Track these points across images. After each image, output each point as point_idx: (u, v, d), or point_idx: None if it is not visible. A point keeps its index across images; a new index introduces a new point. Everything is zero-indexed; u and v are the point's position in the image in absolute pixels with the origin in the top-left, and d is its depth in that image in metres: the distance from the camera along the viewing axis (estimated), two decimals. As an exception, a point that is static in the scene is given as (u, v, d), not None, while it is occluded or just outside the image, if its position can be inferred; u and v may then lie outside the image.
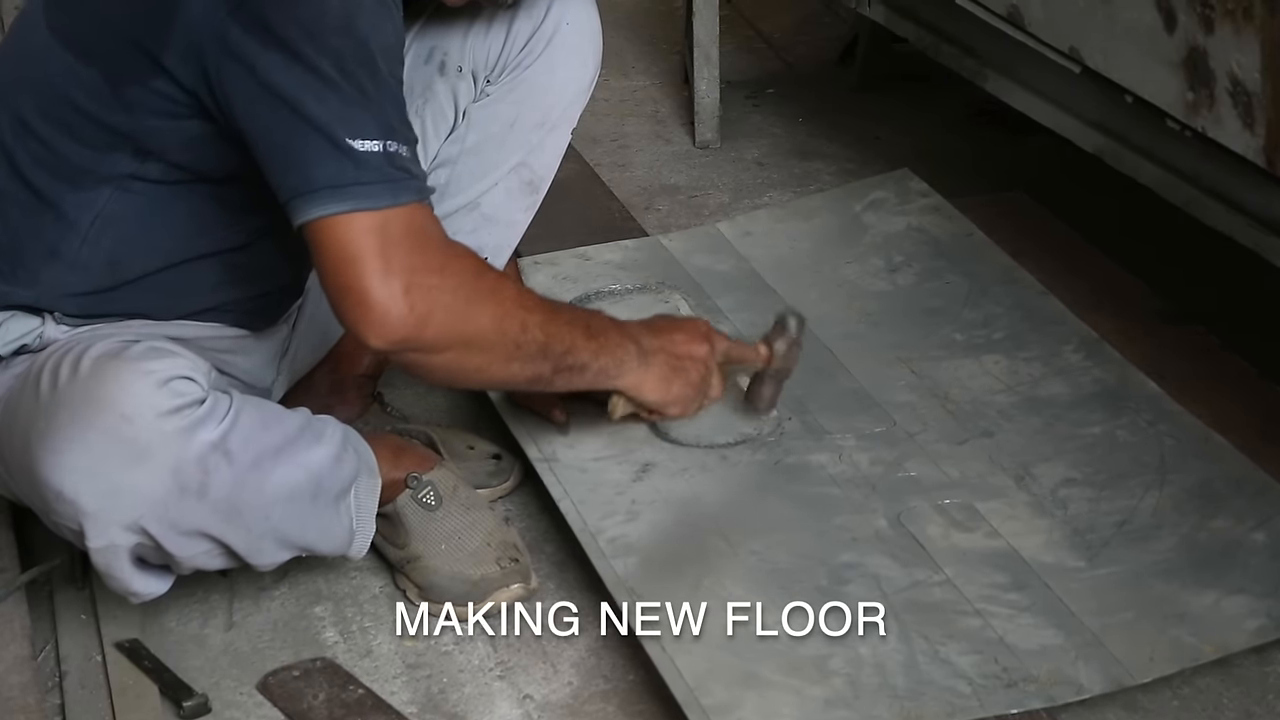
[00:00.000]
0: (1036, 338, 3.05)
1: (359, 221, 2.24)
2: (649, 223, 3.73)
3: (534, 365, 2.44)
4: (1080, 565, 2.52)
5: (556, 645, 2.56)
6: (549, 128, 2.87)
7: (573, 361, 2.49)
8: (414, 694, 2.47)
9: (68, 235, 2.43)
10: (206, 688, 2.47)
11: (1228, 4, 2.41)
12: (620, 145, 4.15)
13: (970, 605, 2.45)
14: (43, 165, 2.42)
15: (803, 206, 3.60)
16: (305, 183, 2.25)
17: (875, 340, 3.10)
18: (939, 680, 2.33)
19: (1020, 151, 3.86)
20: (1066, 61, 2.87)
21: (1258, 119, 2.42)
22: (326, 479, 2.45)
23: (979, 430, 2.82)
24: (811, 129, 4.18)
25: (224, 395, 2.36)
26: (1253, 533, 2.56)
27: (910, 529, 2.60)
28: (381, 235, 2.24)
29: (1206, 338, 3.12)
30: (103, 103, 2.37)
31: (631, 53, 4.66)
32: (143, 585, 2.42)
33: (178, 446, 2.28)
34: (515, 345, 2.39)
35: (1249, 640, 2.39)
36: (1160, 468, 2.70)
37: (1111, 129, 2.89)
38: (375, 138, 2.25)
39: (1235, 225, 2.65)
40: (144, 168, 2.40)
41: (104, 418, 2.26)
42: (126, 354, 2.31)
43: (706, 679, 2.33)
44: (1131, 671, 2.34)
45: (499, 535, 2.63)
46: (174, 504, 2.30)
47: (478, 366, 2.39)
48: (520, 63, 2.81)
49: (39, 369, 2.35)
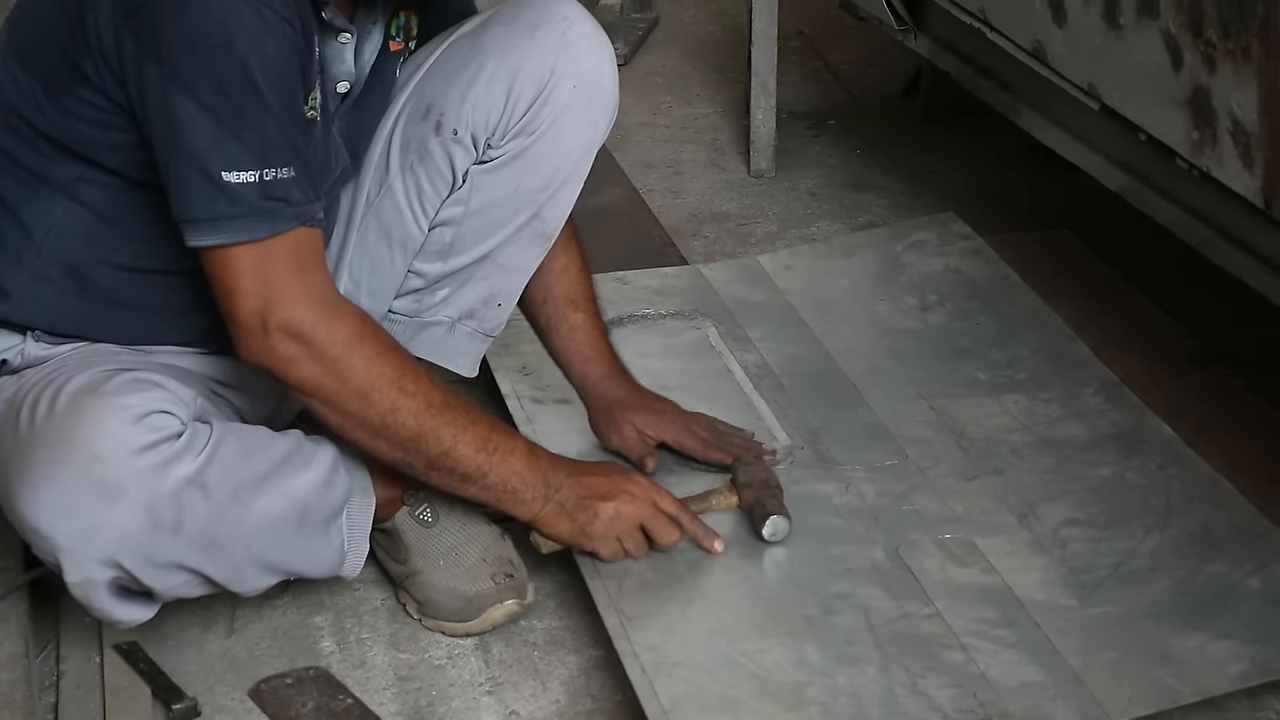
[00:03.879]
0: (1058, 380, 3.05)
1: (235, 256, 2.30)
2: (695, 249, 3.75)
3: (402, 452, 2.44)
4: (1072, 604, 2.52)
5: (548, 663, 2.58)
6: (557, 186, 2.73)
7: (451, 467, 2.47)
8: (402, 705, 2.50)
9: (27, 244, 2.45)
10: (199, 692, 2.51)
11: (1228, 44, 2.41)
12: (675, 172, 4.18)
13: (956, 639, 2.45)
14: (6, 173, 2.45)
15: (845, 244, 3.62)
16: (186, 210, 2.30)
17: (899, 376, 3.11)
18: (914, 713, 2.33)
19: (1073, 189, 3.84)
20: (1086, 98, 2.87)
21: (1255, 159, 2.41)
22: (314, 504, 2.46)
23: (989, 468, 2.83)
24: (868, 161, 4.19)
25: (204, 426, 2.37)
26: (1248, 578, 2.55)
27: (907, 561, 2.61)
28: (256, 270, 2.30)
29: (1232, 380, 3.10)
30: (42, 111, 2.40)
31: (698, 81, 4.69)
32: (126, 614, 2.43)
33: (151, 484, 2.30)
34: (381, 423, 2.41)
35: (1230, 684, 2.38)
36: (1165, 511, 2.69)
37: (1133, 167, 2.89)
38: (250, 168, 2.28)
39: (1245, 267, 2.64)
40: (90, 172, 2.42)
41: (77, 457, 2.28)
42: (104, 388, 2.33)
43: (682, 702, 2.34)
44: (1109, 711, 2.33)
45: (495, 551, 2.65)
46: (148, 540, 2.32)
47: (339, 425, 2.41)
48: (524, 129, 2.66)
49: (20, 401, 2.38)
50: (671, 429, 2.84)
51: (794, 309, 3.31)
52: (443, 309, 2.78)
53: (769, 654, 2.44)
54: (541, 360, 2.97)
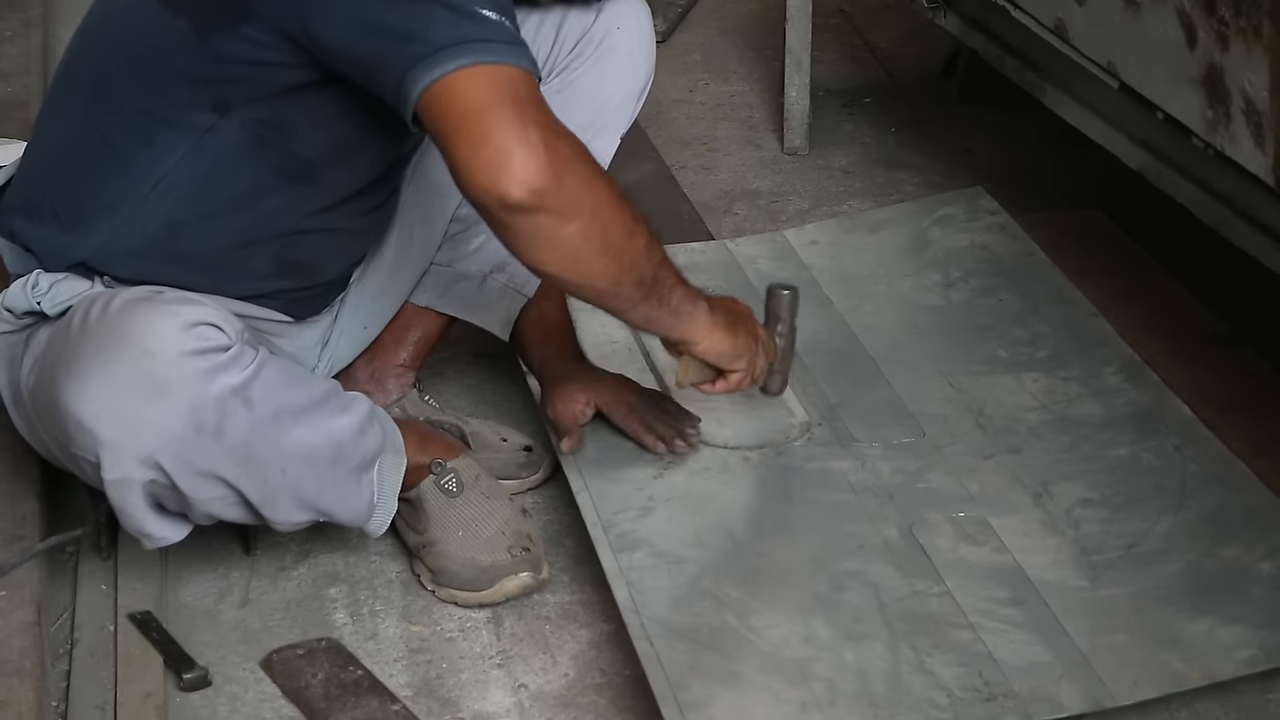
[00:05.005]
0: (1079, 358, 3.04)
1: (486, 74, 2.21)
2: (725, 226, 3.75)
3: (635, 271, 2.38)
4: (1083, 585, 2.52)
5: (559, 636, 2.59)
6: (596, 129, 2.83)
7: (661, 288, 2.44)
8: (411, 678, 2.52)
9: (132, 190, 2.47)
10: (211, 661, 2.53)
11: (1240, 22, 2.39)
12: (709, 149, 4.17)
13: (965, 618, 2.45)
14: (119, 119, 2.46)
15: (871, 218, 3.61)
16: (425, 46, 2.21)
17: (920, 353, 3.10)
18: (918, 691, 2.34)
19: (1107, 169, 3.80)
20: (1106, 76, 2.86)
21: (1267, 138, 2.40)
22: (348, 448, 2.49)
23: (1006, 447, 2.82)
24: (903, 139, 4.17)
25: (250, 349, 2.40)
26: (1260, 562, 2.54)
27: (920, 540, 2.61)
28: (511, 88, 2.21)
29: (1257, 361, 3.08)
30: (189, 51, 2.39)
31: (736, 58, 4.68)
32: (157, 528, 2.46)
33: (197, 386, 2.32)
34: (628, 234, 2.34)
35: (1237, 669, 2.37)
36: (1179, 492, 2.68)
37: (1153, 146, 2.88)
38: (492, 10, 2.25)
39: (1262, 247, 2.62)
40: (222, 122, 2.42)
41: (127, 351, 2.31)
42: (158, 298, 2.37)
43: (687, 675, 2.35)
44: (1114, 693, 2.32)
45: (514, 525, 2.67)
46: (190, 442, 2.34)
47: (599, 248, 2.31)
48: (569, 65, 2.82)
49: (72, 313, 2.41)
50: (607, 394, 2.84)
51: (817, 284, 3.31)
52: (474, 260, 2.85)
53: (776, 629, 2.44)
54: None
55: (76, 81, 2.52)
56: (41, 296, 2.47)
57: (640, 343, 3.06)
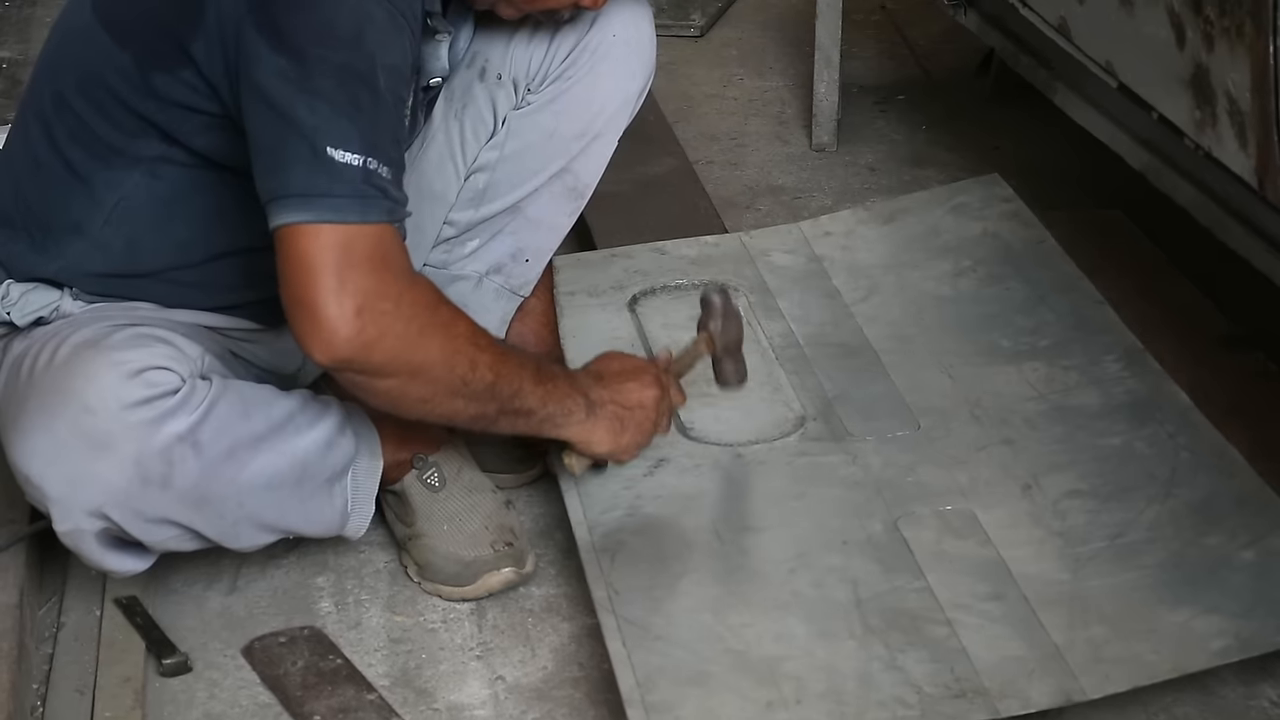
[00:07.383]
0: (1080, 346, 3.00)
1: (322, 234, 2.25)
2: (746, 221, 3.74)
3: (479, 404, 2.42)
4: (1064, 578, 2.49)
5: (541, 629, 2.60)
6: (591, 137, 2.84)
7: (519, 405, 2.47)
8: (390, 667, 2.53)
9: (93, 212, 2.50)
10: (194, 648, 2.55)
11: (1224, 21, 2.37)
12: (738, 144, 4.16)
13: (942, 613, 2.43)
14: (78, 141, 2.50)
15: (886, 208, 3.57)
16: (280, 186, 2.27)
17: (922, 344, 3.07)
18: (887, 688, 2.32)
19: (1133, 170, 3.79)
20: (1105, 75, 2.84)
21: (1249, 139, 2.37)
22: (314, 464, 2.49)
23: (999, 438, 2.79)
24: (932, 137, 4.15)
25: (203, 383, 2.40)
26: (1242, 550, 2.50)
27: (904, 534, 2.59)
28: (342, 251, 2.25)
29: (1265, 364, 3.05)
30: (133, 87, 2.43)
31: (772, 53, 4.66)
32: (117, 564, 2.47)
33: (140, 438, 2.33)
34: (462, 382, 2.38)
35: (1209, 660, 2.34)
36: (1168, 481, 2.65)
37: (1153, 146, 2.86)
38: (356, 151, 2.27)
39: (1254, 249, 2.60)
40: (171, 151, 2.46)
41: (69, 408, 2.32)
42: (105, 343, 2.37)
43: (656, 675, 2.34)
44: (1085, 687, 2.30)
45: (498, 519, 2.67)
46: (136, 494, 2.35)
47: (421, 397, 2.38)
48: (562, 74, 2.80)
49: (25, 353, 2.43)
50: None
51: (827, 276, 3.29)
52: (471, 262, 2.86)
53: (752, 628, 2.43)
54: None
55: (41, 97, 2.54)
56: (11, 307, 2.50)
57: (642, 337, 3.06)
